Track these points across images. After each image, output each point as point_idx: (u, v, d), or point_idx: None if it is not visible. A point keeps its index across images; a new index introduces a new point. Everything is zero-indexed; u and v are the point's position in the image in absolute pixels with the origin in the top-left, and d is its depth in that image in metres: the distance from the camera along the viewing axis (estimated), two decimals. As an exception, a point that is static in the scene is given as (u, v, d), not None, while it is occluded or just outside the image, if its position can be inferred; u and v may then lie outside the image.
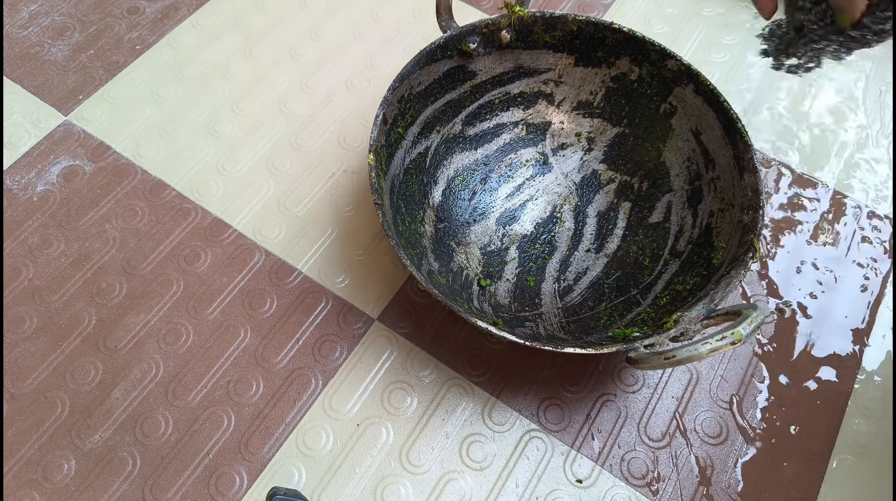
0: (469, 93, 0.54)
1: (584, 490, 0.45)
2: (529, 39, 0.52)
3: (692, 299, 0.45)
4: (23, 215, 0.55)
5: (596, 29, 0.51)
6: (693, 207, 0.51)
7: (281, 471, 0.45)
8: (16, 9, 0.68)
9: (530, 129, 0.57)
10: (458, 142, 0.55)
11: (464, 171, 0.55)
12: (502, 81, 0.54)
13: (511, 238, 0.53)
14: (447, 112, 0.53)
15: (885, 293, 0.54)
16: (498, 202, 0.55)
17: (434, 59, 0.49)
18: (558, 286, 0.51)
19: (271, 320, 0.51)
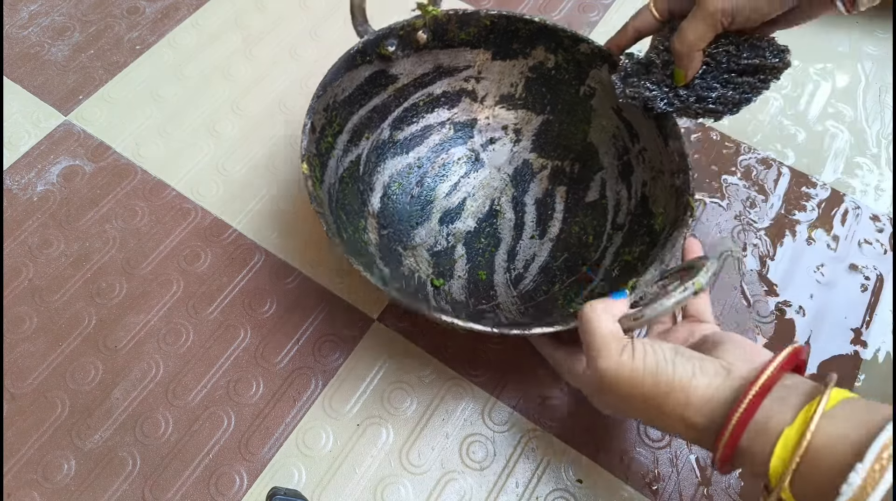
0: (393, 97, 0.53)
1: (584, 489, 0.45)
2: (446, 38, 0.52)
3: (641, 266, 0.46)
4: (23, 215, 0.55)
5: (508, 22, 0.52)
6: (626, 180, 0.53)
7: (281, 471, 0.45)
8: (16, 9, 0.68)
9: (457, 127, 0.57)
10: (388, 147, 0.54)
11: (398, 175, 0.55)
12: (424, 82, 0.54)
13: (456, 236, 0.54)
14: (374, 118, 0.53)
15: (884, 293, 0.54)
16: (437, 202, 0.55)
17: (354, 65, 0.49)
18: (510, 276, 0.52)
19: (271, 320, 0.51)
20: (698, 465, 0.46)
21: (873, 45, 0.67)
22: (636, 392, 0.34)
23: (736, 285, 0.54)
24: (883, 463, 0.26)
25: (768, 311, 0.53)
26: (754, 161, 0.60)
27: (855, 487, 0.26)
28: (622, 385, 0.35)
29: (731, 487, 0.45)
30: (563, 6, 0.70)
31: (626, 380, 0.35)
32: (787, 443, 0.29)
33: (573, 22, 0.69)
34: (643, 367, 0.34)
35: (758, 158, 0.60)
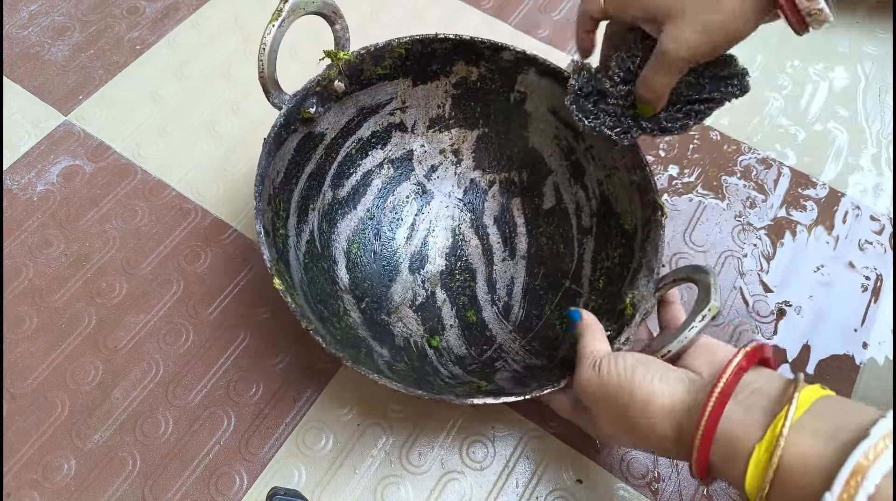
0: (325, 156, 0.51)
1: (584, 489, 0.45)
2: (362, 79, 0.49)
3: (626, 271, 0.47)
4: (23, 215, 0.55)
5: (423, 45, 0.50)
6: (579, 181, 0.52)
7: (281, 471, 0.45)
8: (16, 9, 0.68)
9: (395, 164, 0.55)
10: (335, 209, 0.52)
11: (355, 236, 0.52)
12: (351, 129, 0.52)
13: (431, 281, 0.52)
14: (313, 186, 0.50)
15: (884, 293, 0.54)
16: (401, 251, 0.53)
17: (281, 142, 0.46)
18: (497, 308, 0.51)
19: (271, 319, 0.51)
20: None
21: (873, 45, 0.67)
22: (605, 404, 0.36)
23: (736, 285, 0.54)
24: (851, 493, 0.26)
25: (768, 311, 0.53)
26: (754, 161, 0.60)
27: None
28: (597, 397, 0.37)
29: (732, 487, 0.45)
30: (562, 6, 0.70)
31: (597, 392, 0.37)
32: (758, 463, 0.29)
33: (573, 22, 0.69)
34: (607, 379, 0.36)
35: (758, 158, 0.60)
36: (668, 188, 0.58)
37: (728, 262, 0.55)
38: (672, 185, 0.59)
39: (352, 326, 0.47)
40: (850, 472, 0.26)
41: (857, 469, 0.26)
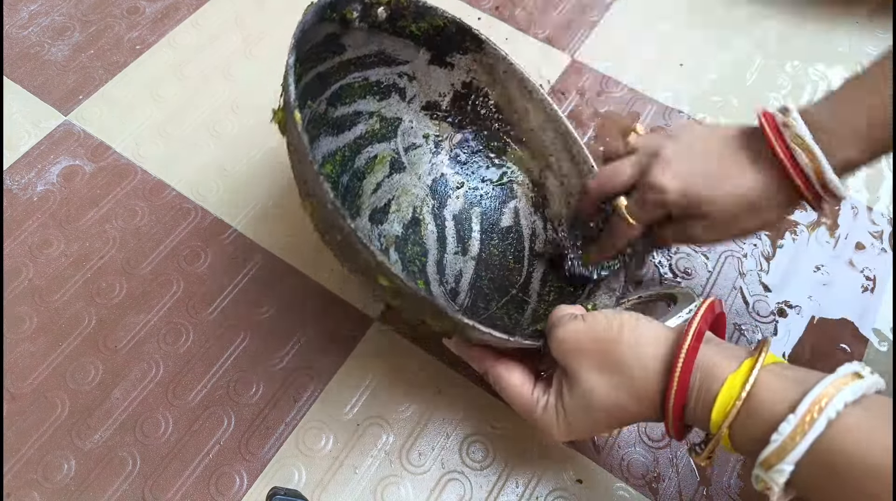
0: (336, 69, 0.50)
1: (584, 489, 0.45)
2: (398, 25, 0.50)
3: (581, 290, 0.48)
4: (23, 215, 0.55)
5: (458, 30, 0.50)
6: (540, 211, 0.54)
7: (281, 471, 0.45)
8: (16, 9, 0.68)
9: (383, 123, 0.55)
10: (322, 123, 0.51)
11: (330, 158, 0.51)
12: (364, 63, 0.52)
13: (387, 240, 0.52)
14: (316, 85, 0.49)
15: (884, 294, 0.54)
16: (365, 198, 0.53)
17: (322, 19, 0.44)
18: (445, 288, 0.51)
19: (271, 320, 0.51)
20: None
21: (873, 45, 0.67)
22: (593, 347, 0.36)
23: (736, 285, 0.54)
24: (813, 416, 0.27)
25: (768, 311, 0.53)
26: (754, 161, 0.60)
27: (784, 436, 0.28)
28: (582, 345, 0.36)
29: (731, 487, 0.45)
30: (562, 6, 0.70)
31: (583, 337, 0.36)
32: (730, 389, 0.31)
33: (573, 22, 0.69)
34: (594, 321, 0.36)
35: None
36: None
37: (728, 262, 0.55)
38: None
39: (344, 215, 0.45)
40: (814, 398, 0.28)
41: (821, 396, 0.28)
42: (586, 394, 0.35)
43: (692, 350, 0.33)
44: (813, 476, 0.28)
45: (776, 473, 0.28)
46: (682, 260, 0.55)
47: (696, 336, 0.33)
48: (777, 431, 0.28)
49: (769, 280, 0.54)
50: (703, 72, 0.66)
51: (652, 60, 0.67)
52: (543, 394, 0.38)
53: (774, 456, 0.28)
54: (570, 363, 0.36)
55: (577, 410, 0.36)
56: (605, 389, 0.35)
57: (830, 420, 0.27)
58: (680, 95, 0.64)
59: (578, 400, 0.36)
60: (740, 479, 0.46)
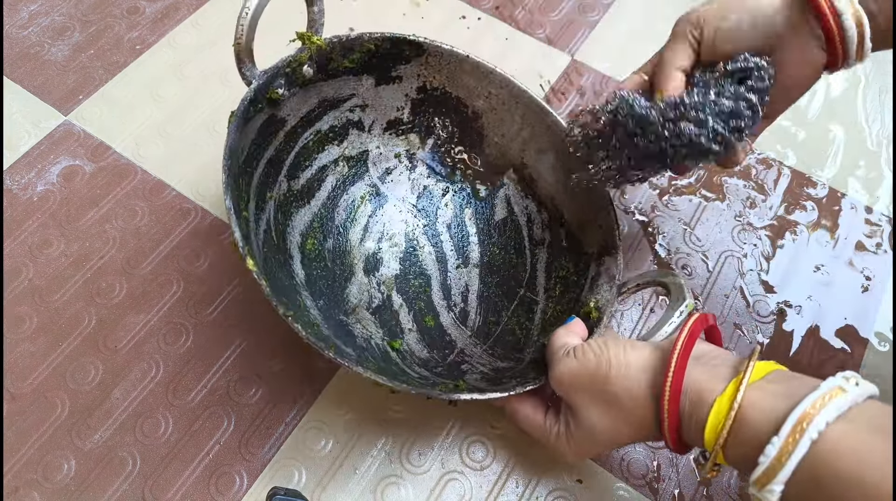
0: (283, 143, 0.49)
1: (584, 489, 0.45)
2: (329, 69, 0.49)
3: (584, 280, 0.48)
4: (23, 215, 0.55)
5: (393, 45, 0.50)
6: (530, 193, 0.53)
7: (281, 471, 0.45)
8: (16, 9, 0.68)
9: (351, 163, 0.54)
10: (290, 202, 0.50)
11: (309, 231, 0.51)
12: (311, 119, 0.51)
13: (387, 285, 0.51)
14: (270, 173, 0.48)
15: (884, 293, 0.54)
16: (355, 252, 0.52)
17: (248, 119, 0.45)
18: (454, 314, 0.51)
19: (271, 319, 0.51)
20: (698, 465, 0.46)
21: (873, 46, 0.67)
22: (587, 383, 0.37)
23: (736, 285, 0.54)
24: (796, 437, 0.28)
25: (768, 311, 0.53)
26: (754, 161, 0.60)
27: (771, 458, 0.29)
28: (576, 382, 0.38)
29: (732, 487, 0.45)
30: (562, 6, 0.70)
31: (577, 374, 0.38)
32: (717, 414, 0.32)
33: (573, 22, 0.69)
34: (584, 359, 0.38)
35: (758, 159, 0.60)
36: (668, 189, 0.58)
37: (728, 262, 0.55)
38: (672, 185, 0.59)
39: (315, 322, 0.46)
40: (796, 419, 0.28)
41: (803, 417, 0.28)
42: (589, 427, 0.38)
43: (677, 377, 0.34)
44: (801, 491, 0.29)
45: (768, 493, 0.29)
46: (682, 259, 0.55)
47: (681, 357, 0.34)
48: (763, 453, 0.29)
49: (769, 280, 0.54)
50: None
51: (652, 60, 0.67)
52: (555, 423, 0.41)
53: (764, 477, 0.29)
54: (570, 399, 0.39)
55: (583, 440, 0.39)
56: (604, 421, 0.37)
57: (813, 440, 0.28)
58: (680, 95, 0.64)
59: (582, 431, 0.38)
60: (740, 479, 0.46)
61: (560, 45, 0.67)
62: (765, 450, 0.29)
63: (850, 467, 0.27)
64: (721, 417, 0.31)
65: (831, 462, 0.28)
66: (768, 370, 0.33)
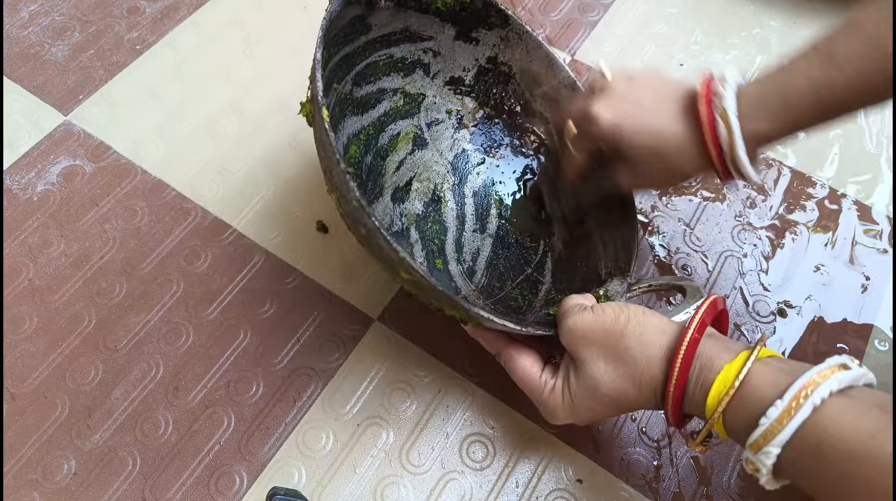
0: (360, 49, 0.51)
1: (584, 489, 0.45)
2: (424, 1, 0.50)
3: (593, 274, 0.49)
4: (23, 215, 0.55)
5: (484, 6, 0.51)
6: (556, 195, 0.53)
7: (281, 471, 0.45)
8: (16, 9, 0.68)
9: (407, 99, 0.55)
10: (347, 104, 0.52)
11: (354, 139, 0.52)
12: (389, 41, 0.52)
13: (408, 218, 0.53)
14: (342, 67, 0.50)
15: (884, 294, 0.54)
16: (387, 178, 0.53)
17: (349, 2, 0.45)
18: (462, 268, 0.52)
19: (271, 320, 0.51)
20: (698, 465, 0.46)
21: (873, 46, 0.67)
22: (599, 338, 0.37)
23: (736, 285, 0.54)
24: (800, 401, 0.29)
25: (768, 311, 0.53)
26: (754, 161, 0.60)
27: (772, 420, 0.30)
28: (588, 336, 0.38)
29: (731, 487, 0.45)
30: (562, 6, 0.70)
31: (590, 328, 0.38)
32: (725, 378, 0.33)
33: (573, 22, 0.69)
34: (602, 313, 0.38)
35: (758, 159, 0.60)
36: (668, 188, 0.58)
37: (728, 262, 0.55)
38: (672, 185, 0.59)
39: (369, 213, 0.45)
40: (801, 385, 0.30)
41: (808, 384, 0.30)
42: (592, 381, 0.37)
43: (694, 342, 0.34)
44: (798, 458, 0.29)
45: (763, 455, 0.30)
46: (682, 259, 0.55)
47: (699, 329, 0.35)
48: (765, 415, 0.30)
49: (769, 280, 0.54)
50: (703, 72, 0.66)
51: (652, 60, 0.67)
52: (551, 378, 0.40)
53: (762, 439, 0.30)
54: (577, 352, 0.38)
55: (582, 395, 0.38)
56: (609, 376, 0.37)
57: (815, 406, 0.29)
58: (680, 95, 0.64)
59: (584, 386, 0.38)
60: (740, 479, 0.46)
61: (560, 45, 0.67)
62: (767, 412, 0.30)
63: (851, 435, 0.28)
64: (728, 382, 0.32)
65: (830, 429, 0.28)
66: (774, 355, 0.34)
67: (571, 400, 0.39)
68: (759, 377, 0.32)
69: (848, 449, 0.28)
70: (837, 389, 0.29)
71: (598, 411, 0.38)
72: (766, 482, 0.31)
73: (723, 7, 0.70)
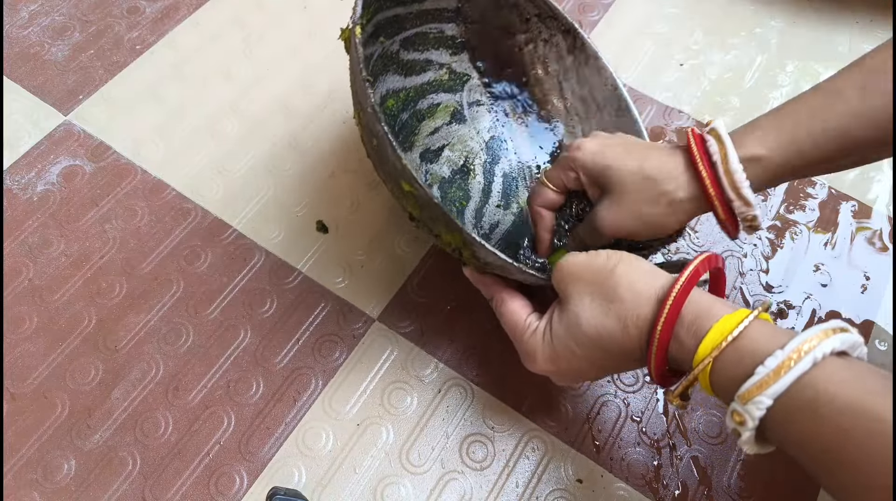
0: (414, 16, 0.51)
1: (584, 489, 0.45)
2: None
3: None
4: (23, 215, 0.55)
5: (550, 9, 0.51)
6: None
7: (281, 471, 0.45)
8: (16, 9, 0.68)
9: (452, 76, 0.56)
10: (392, 62, 0.52)
11: (393, 93, 0.53)
12: (443, 17, 0.53)
13: (433, 177, 0.54)
14: (392, 25, 0.50)
15: (884, 293, 0.54)
16: (421, 138, 0.54)
17: None
18: (478, 233, 0.52)
19: (271, 320, 0.51)
20: (698, 465, 0.46)
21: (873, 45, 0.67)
22: (588, 277, 0.36)
23: (736, 285, 0.54)
24: (801, 354, 0.28)
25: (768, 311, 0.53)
26: (754, 161, 0.60)
27: (770, 369, 0.28)
28: (579, 275, 0.37)
29: (732, 487, 0.45)
30: (562, 6, 0.70)
31: (582, 268, 0.37)
32: (722, 328, 0.31)
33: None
34: (594, 255, 0.37)
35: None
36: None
37: (728, 262, 0.55)
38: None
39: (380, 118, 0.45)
40: (801, 341, 0.29)
41: (808, 340, 0.29)
42: (574, 316, 0.36)
43: (689, 281, 0.33)
44: (789, 415, 0.28)
45: (753, 405, 0.29)
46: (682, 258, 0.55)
47: (694, 272, 0.34)
48: (763, 364, 0.29)
49: (769, 280, 0.54)
50: (703, 72, 0.66)
51: (652, 60, 0.67)
52: (536, 320, 0.39)
53: (756, 388, 0.29)
54: (565, 289, 0.37)
55: (563, 334, 0.37)
56: (594, 313, 0.35)
57: (816, 361, 0.28)
58: (680, 95, 0.64)
59: (566, 323, 0.37)
60: (740, 479, 0.46)
61: (560, 45, 0.67)
62: (765, 361, 0.29)
63: (849, 392, 0.27)
64: (725, 332, 0.31)
65: (830, 386, 0.27)
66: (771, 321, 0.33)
67: (552, 341, 0.37)
68: (757, 331, 0.31)
69: (845, 404, 0.27)
70: (839, 349, 0.29)
71: (577, 354, 0.36)
72: (748, 440, 0.30)
73: (723, 7, 0.70)
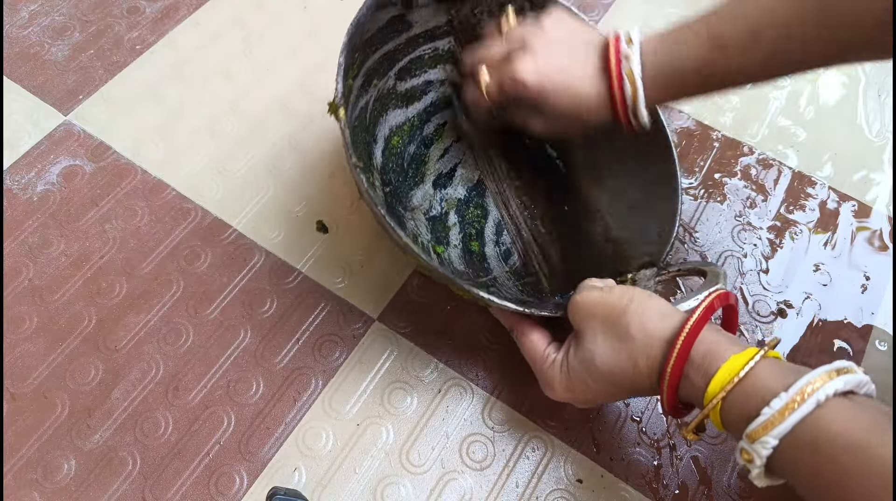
0: (403, 45, 0.52)
1: (584, 489, 0.45)
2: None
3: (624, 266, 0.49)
4: (23, 215, 0.55)
5: None
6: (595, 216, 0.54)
7: (281, 471, 0.45)
8: (16, 9, 0.68)
9: (455, 89, 0.55)
10: (391, 98, 0.53)
11: (397, 130, 0.53)
12: (434, 35, 0.53)
13: (449, 203, 0.54)
14: (383, 65, 0.51)
15: (884, 293, 0.54)
16: (431, 165, 0.55)
17: (382, 5, 0.47)
18: (499, 250, 0.53)
19: (271, 320, 0.51)
20: (698, 465, 0.46)
21: (873, 46, 0.67)
22: (602, 313, 0.38)
23: (736, 285, 0.54)
24: (804, 396, 0.30)
25: (768, 311, 0.53)
26: (754, 161, 0.60)
27: (774, 410, 0.30)
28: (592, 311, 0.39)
29: (732, 487, 0.45)
30: (563, 6, 0.70)
31: (596, 304, 0.39)
32: (731, 368, 0.33)
33: (573, 22, 0.69)
34: (608, 292, 0.39)
35: (758, 159, 0.60)
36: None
37: (728, 262, 0.55)
38: (672, 185, 0.59)
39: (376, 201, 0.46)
40: (805, 382, 0.30)
41: (812, 381, 0.30)
42: (588, 354, 0.38)
43: (698, 323, 0.35)
44: (795, 453, 0.30)
45: (760, 444, 0.30)
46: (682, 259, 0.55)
47: (704, 313, 0.35)
48: (769, 405, 0.30)
49: (769, 280, 0.54)
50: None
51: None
52: (554, 352, 0.42)
53: (762, 428, 0.30)
54: (580, 325, 0.40)
55: (578, 368, 0.39)
56: (606, 351, 0.38)
57: (819, 403, 0.29)
58: (680, 94, 0.64)
59: (581, 359, 0.39)
60: (740, 479, 0.46)
61: (560, 45, 0.67)
62: (770, 403, 0.30)
63: (850, 431, 0.28)
64: (733, 371, 0.32)
65: (833, 426, 0.29)
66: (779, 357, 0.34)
67: (568, 373, 0.40)
68: (764, 371, 0.32)
69: (846, 444, 0.28)
70: (842, 389, 0.30)
71: (592, 387, 0.39)
72: (757, 475, 0.31)
73: (723, 7, 0.70)
